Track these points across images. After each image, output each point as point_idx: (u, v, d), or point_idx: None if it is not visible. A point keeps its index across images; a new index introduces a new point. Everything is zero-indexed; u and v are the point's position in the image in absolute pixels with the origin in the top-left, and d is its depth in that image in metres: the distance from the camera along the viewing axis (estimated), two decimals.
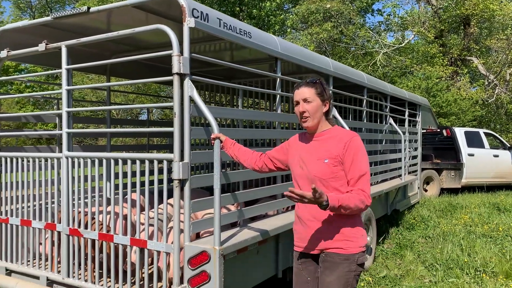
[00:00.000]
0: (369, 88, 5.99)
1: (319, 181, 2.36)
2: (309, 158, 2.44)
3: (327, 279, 2.36)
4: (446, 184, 11.67)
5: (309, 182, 2.40)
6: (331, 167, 2.34)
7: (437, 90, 17.08)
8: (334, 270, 2.34)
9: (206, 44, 4.13)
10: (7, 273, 3.82)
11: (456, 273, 5.03)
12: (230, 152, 2.88)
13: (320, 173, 2.36)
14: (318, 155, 2.40)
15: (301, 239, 2.50)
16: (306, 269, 2.51)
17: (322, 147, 2.41)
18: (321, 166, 2.36)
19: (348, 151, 2.33)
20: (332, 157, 2.35)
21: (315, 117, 2.43)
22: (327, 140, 2.43)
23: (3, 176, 3.89)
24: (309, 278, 2.49)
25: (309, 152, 2.46)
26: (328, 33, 21.08)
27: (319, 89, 2.42)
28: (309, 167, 2.41)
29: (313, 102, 2.41)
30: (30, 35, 3.91)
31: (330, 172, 2.34)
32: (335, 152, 2.35)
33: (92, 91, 22.38)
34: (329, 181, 2.34)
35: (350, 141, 2.35)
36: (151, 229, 3.18)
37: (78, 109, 3.51)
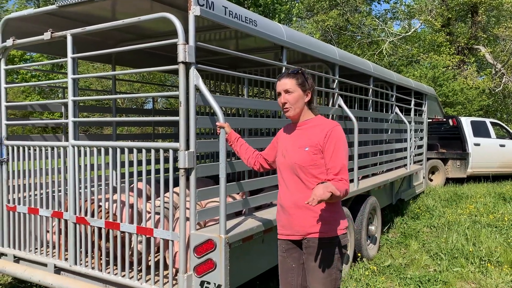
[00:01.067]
0: (375, 77, 5.95)
1: (299, 169, 2.41)
2: (291, 146, 2.50)
3: (311, 264, 2.43)
4: (451, 173, 11.63)
5: (290, 171, 2.47)
6: (311, 155, 2.40)
7: (444, 79, 16.93)
8: (318, 254, 2.41)
9: (212, 33, 4.10)
10: (15, 260, 3.87)
11: (461, 263, 5.04)
12: (233, 146, 2.94)
13: (300, 160, 2.42)
14: (300, 144, 2.46)
15: (284, 227, 2.55)
16: (291, 257, 2.56)
17: (304, 136, 2.48)
18: (301, 154, 2.42)
19: (330, 141, 2.38)
20: (313, 145, 2.40)
21: (296, 107, 2.48)
22: (309, 129, 2.49)
23: (10, 164, 3.92)
24: (293, 265, 2.55)
25: (291, 141, 2.52)
26: (334, 21, 20.89)
27: (300, 79, 2.47)
28: (290, 155, 2.47)
29: (294, 92, 2.46)
30: (35, 24, 3.90)
31: (309, 160, 2.40)
32: (315, 140, 2.41)
33: (98, 80, 22.39)
34: (309, 168, 2.40)
35: (332, 130, 2.40)
36: (157, 217, 3.20)
37: (83, 98, 3.51)
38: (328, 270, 2.40)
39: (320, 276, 2.40)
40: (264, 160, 2.82)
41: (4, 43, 3.82)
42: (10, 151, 3.91)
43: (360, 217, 5.00)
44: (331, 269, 2.41)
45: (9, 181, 3.93)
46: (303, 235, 2.46)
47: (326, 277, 2.39)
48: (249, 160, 2.88)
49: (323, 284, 2.40)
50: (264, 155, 2.82)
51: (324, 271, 2.39)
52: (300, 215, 2.44)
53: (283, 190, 2.53)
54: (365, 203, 5.14)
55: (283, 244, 2.59)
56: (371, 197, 5.37)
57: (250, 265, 3.42)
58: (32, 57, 24.44)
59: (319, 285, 2.40)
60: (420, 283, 4.42)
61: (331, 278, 2.41)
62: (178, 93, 2.85)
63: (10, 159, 3.92)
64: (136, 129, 20.08)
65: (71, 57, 3.40)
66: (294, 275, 2.56)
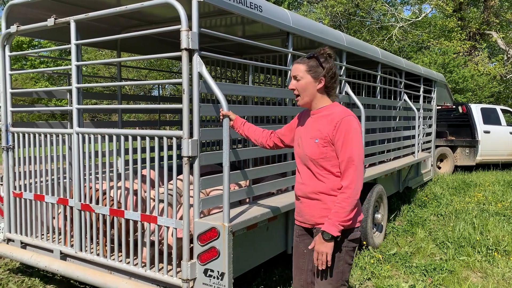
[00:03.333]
0: (383, 64, 5.86)
1: (310, 160, 2.36)
2: (305, 136, 2.43)
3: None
4: (460, 161, 11.53)
5: (303, 161, 2.43)
6: (320, 147, 2.31)
7: (454, 66, 16.68)
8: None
9: (216, 19, 4.05)
10: (22, 246, 3.91)
11: (468, 251, 5.01)
12: (240, 131, 2.87)
13: (310, 152, 2.36)
14: (311, 134, 2.38)
15: (298, 214, 2.55)
16: (303, 242, 2.56)
17: (316, 126, 2.38)
18: (312, 145, 2.35)
19: (339, 133, 2.26)
20: (322, 137, 2.31)
21: (304, 95, 2.37)
22: (320, 118, 2.37)
23: (16, 151, 3.93)
24: (305, 251, 2.55)
25: (306, 130, 2.45)
26: (343, 6, 20.61)
27: (311, 65, 2.33)
28: (303, 146, 2.41)
29: (302, 79, 2.36)
30: (39, 10, 3.87)
31: (319, 153, 2.32)
32: (325, 131, 2.30)
33: (105, 67, 22.41)
34: (319, 161, 2.33)
35: (341, 122, 2.26)
36: (161, 205, 3.21)
37: (87, 85, 3.50)
38: (336, 262, 2.36)
39: (327, 268, 2.36)
40: (279, 139, 2.74)
41: (8, 30, 3.80)
42: (16, 138, 3.93)
43: (366, 205, 4.98)
44: (338, 262, 2.36)
45: (15, 167, 3.95)
46: (312, 224, 2.45)
47: (334, 268, 2.36)
48: (259, 139, 2.80)
49: (329, 275, 2.37)
50: (280, 135, 2.74)
51: (332, 262, 2.35)
52: (310, 205, 2.42)
53: (297, 179, 2.50)
54: (371, 191, 5.11)
55: (297, 229, 2.60)
56: (378, 185, 5.34)
57: (254, 253, 3.42)
58: (40, 43, 24.50)
59: (326, 277, 2.37)
60: (425, 272, 4.40)
61: (337, 271, 2.37)
62: (181, 80, 2.82)
63: (16, 145, 3.93)
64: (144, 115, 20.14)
65: (75, 44, 3.38)
66: (305, 260, 2.56)
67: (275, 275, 4.17)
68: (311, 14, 21.30)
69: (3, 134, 3.95)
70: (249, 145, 3.83)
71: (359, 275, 4.24)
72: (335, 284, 2.37)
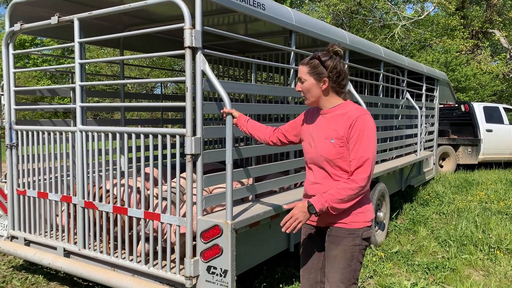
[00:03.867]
0: (386, 62, 5.86)
1: (326, 161, 2.32)
2: (317, 136, 2.38)
3: (332, 253, 2.39)
4: (462, 160, 11.52)
5: (317, 161, 2.38)
6: (337, 147, 2.28)
7: (456, 64, 16.65)
8: (339, 244, 2.36)
9: (219, 17, 4.05)
10: (26, 243, 3.93)
11: (470, 250, 5.01)
12: (244, 129, 2.86)
13: (326, 153, 2.31)
14: (326, 134, 2.34)
15: None
16: (313, 242, 2.54)
17: (330, 125, 2.34)
18: (328, 146, 2.31)
19: (353, 131, 2.24)
20: (339, 137, 2.28)
21: (310, 96, 2.36)
22: (335, 117, 2.34)
23: (19, 148, 3.95)
24: (315, 250, 2.54)
25: (318, 130, 2.40)
26: (345, 5, 20.57)
27: (312, 67, 2.31)
28: (317, 146, 2.37)
29: (306, 81, 2.34)
30: (43, 8, 3.88)
31: (336, 153, 2.28)
32: (341, 131, 2.27)
33: (108, 65, 22.42)
34: (336, 161, 2.30)
35: (357, 120, 2.23)
36: (164, 203, 3.22)
37: (91, 83, 3.51)
38: (348, 261, 2.35)
39: (340, 266, 2.36)
40: (283, 136, 2.70)
41: (12, 28, 3.82)
42: (20, 136, 3.95)
43: None
44: (351, 260, 2.36)
45: (18, 165, 3.97)
46: (325, 223, 2.42)
47: (345, 267, 2.35)
48: (262, 136, 2.78)
49: (341, 273, 2.36)
50: (284, 131, 2.69)
51: (344, 261, 2.35)
52: None
53: (310, 177, 2.45)
54: (373, 189, 5.11)
55: (306, 228, 2.56)
56: (380, 183, 5.34)
57: (257, 251, 3.44)
58: (42, 41, 24.53)
59: (338, 275, 2.36)
60: (428, 270, 4.41)
61: (350, 269, 2.36)
62: (184, 78, 2.83)
63: (20, 143, 3.95)
64: (147, 114, 20.15)
65: (78, 42, 3.39)
66: (314, 260, 2.54)
67: (277, 272, 4.18)
68: (313, 13, 21.27)
69: (7, 132, 3.97)
70: (251, 143, 3.84)
71: (361, 273, 4.25)
72: (347, 283, 2.36)
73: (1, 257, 4.66)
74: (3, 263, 4.48)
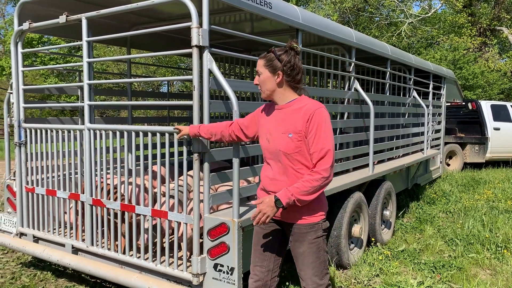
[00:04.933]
0: (392, 60, 5.84)
1: (284, 155, 2.34)
2: (275, 131, 2.40)
3: (299, 250, 2.42)
4: (469, 158, 11.46)
5: (275, 156, 2.39)
6: (295, 141, 2.31)
7: (464, 62, 16.54)
8: (303, 240, 2.40)
9: (225, 16, 4.06)
10: (34, 240, 3.97)
11: (477, 249, 5.00)
12: (198, 135, 2.77)
13: (284, 147, 2.34)
14: (284, 129, 2.36)
15: None
16: (269, 229, 2.53)
17: (288, 120, 2.37)
18: (285, 140, 2.34)
19: (312, 125, 2.28)
20: (297, 131, 2.31)
21: (265, 89, 2.39)
22: (291, 112, 2.37)
23: (28, 146, 3.99)
24: (271, 237, 2.54)
25: (275, 125, 2.41)
26: (352, 2, 20.50)
27: (268, 60, 2.36)
28: (275, 141, 2.38)
29: (262, 74, 2.38)
30: (51, 7, 3.91)
31: (294, 147, 2.32)
32: (299, 126, 2.31)
33: (114, 63, 22.51)
34: (294, 155, 2.33)
35: (314, 114, 2.28)
36: (172, 200, 3.24)
37: (99, 81, 3.53)
38: (315, 253, 2.41)
39: (310, 261, 2.40)
40: (241, 131, 2.65)
41: (21, 27, 3.85)
42: (28, 134, 3.98)
43: (375, 202, 4.98)
44: (318, 252, 2.41)
45: (27, 163, 4.01)
46: (283, 218, 2.45)
47: (314, 260, 2.41)
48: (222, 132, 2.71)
49: (312, 268, 2.41)
50: (243, 126, 2.64)
51: (313, 255, 2.40)
52: None
53: (267, 173, 2.46)
54: (380, 187, 5.11)
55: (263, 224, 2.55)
56: (387, 181, 5.33)
57: None
58: (50, 39, 24.67)
59: (310, 270, 2.41)
60: (434, 269, 4.40)
61: (320, 261, 2.42)
62: (192, 77, 2.84)
63: (28, 141, 3.99)
64: (153, 112, 20.21)
65: (86, 41, 3.41)
66: (270, 246, 2.55)
67: (283, 270, 4.19)
68: (320, 11, 21.22)
69: (16, 130, 4.01)
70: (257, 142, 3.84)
71: (368, 271, 4.25)
72: (320, 275, 2.42)
73: (10, 254, 4.72)
74: (12, 260, 4.53)
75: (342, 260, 4.24)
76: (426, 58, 16.97)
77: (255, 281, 2.55)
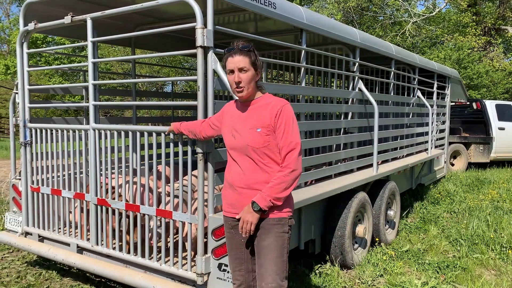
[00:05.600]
0: (396, 60, 5.83)
1: (252, 150, 2.36)
2: (242, 127, 2.41)
3: (264, 243, 2.40)
4: (474, 158, 11.41)
5: (242, 152, 2.39)
6: (263, 136, 2.34)
7: (469, 62, 16.48)
8: (269, 233, 2.39)
9: (229, 16, 4.07)
10: (40, 239, 4.00)
11: (481, 249, 4.98)
12: (182, 130, 2.85)
13: (252, 142, 2.35)
14: (251, 124, 2.38)
15: (232, 205, 2.49)
16: (238, 233, 2.51)
17: (255, 116, 2.39)
18: (253, 135, 2.35)
19: (280, 120, 2.33)
20: (265, 126, 2.34)
21: (249, 87, 2.38)
22: (259, 108, 2.40)
23: (33, 146, 4.01)
24: (242, 240, 2.53)
25: (242, 121, 2.43)
26: (356, 1, 20.46)
27: (253, 57, 2.37)
28: (242, 136, 2.39)
29: (248, 71, 2.36)
30: (56, 8, 3.93)
31: (262, 141, 2.34)
32: (267, 121, 2.34)
33: (118, 63, 22.57)
34: (262, 149, 2.35)
35: (281, 109, 2.33)
36: (176, 200, 3.25)
37: (104, 81, 3.55)
38: (280, 249, 2.40)
39: (273, 256, 2.38)
40: (209, 126, 2.69)
41: (26, 27, 3.87)
42: (33, 134, 4.00)
43: (379, 202, 4.97)
44: (283, 249, 2.41)
45: (32, 162, 4.03)
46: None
47: (278, 257, 2.39)
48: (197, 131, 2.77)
49: (275, 264, 2.39)
50: (213, 125, 2.67)
51: (277, 250, 2.39)
52: (250, 196, 2.39)
53: (235, 170, 2.44)
54: (384, 187, 5.10)
55: (229, 221, 2.54)
56: (391, 181, 5.32)
57: None
58: (54, 39, 24.76)
59: (272, 266, 2.38)
60: (438, 269, 4.40)
61: (283, 259, 2.41)
62: (196, 77, 2.85)
63: (33, 141, 4.01)
64: (157, 111, 20.24)
65: (91, 41, 3.43)
66: (243, 250, 2.54)
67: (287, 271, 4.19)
68: (324, 10, 21.19)
69: (21, 130, 4.03)
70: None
71: (372, 272, 4.25)
72: (282, 275, 2.40)
73: (16, 253, 4.74)
74: (17, 259, 4.56)
75: (346, 260, 4.24)
76: (430, 57, 16.91)
77: (238, 286, 2.57)
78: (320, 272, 4.20)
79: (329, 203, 4.33)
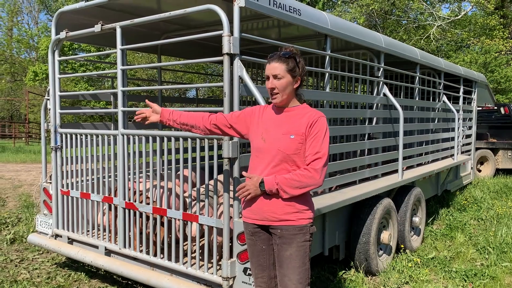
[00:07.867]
0: (421, 65, 5.76)
1: (282, 155, 2.35)
2: (274, 131, 2.41)
3: (286, 253, 2.39)
4: (502, 164, 11.13)
5: (270, 156, 2.38)
6: (296, 143, 2.35)
7: (496, 65, 16.12)
8: (291, 242, 2.37)
9: (254, 22, 4.12)
10: (69, 241, 4.10)
11: (510, 257, 4.86)
12: (171, 123, 2.69)
13: (284, 147, 2.35)
14: (284, 130, 2.38)
15: (252, 211, 2.46)
16: (259, 239, 2.51)
17: (290, 123, 2.39)
18: (286, 141, 2.36)
19: (313, 129, 2.34)
20: (299, 134, 2.35)
21: (284, 93, 2.38)
22: (294, 116, 2.40)
23: (63, 151, 4.13)
24: (264, 247, 2.51)
25: (275, 126, 2.42)
26: (379, 5, 20.29)
27: (291, 64, 2.35)
28: (274, 141, 2.38)
29: (283, 78, 2.35)
30: (86, 16, 4.06)
31: (294, 148, 2.35)
32: (302, 129, 2.35)
33: (143, 69, 22.96)
34: (292, 156, 2.35)
35: (317, 120, 2.36)
36: (202, 204, 3.29)
37: (133, 88, 3.64)
38: (302, 258, 2.38)
39: (296, 266, 2.37)
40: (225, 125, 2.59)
41: (58, 36, 4.00)
42: (64, 138, 4.12)
43: (404, 208, 4.91)
44: (305, 258, 2.39)
45: (63, 167, 4.15)
46: (272, 221, 2.41)
47: (301, 265, 2.38)
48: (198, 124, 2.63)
49: (298, 273, 2.37)
50: (232, 123, 2.59)
51: (300, 259, 2.37)
52: (273, 202, 2.38)
53: (258, 174, 2.42)
54: (409, 194, 5.04)
55: (249, 228, 2.53)
56: (416, 188, 5.26)
57: None
58: (80, 46, 25.36)
59: (295, 275, 2.36)
60: (466, 277, 4.31)
61: (305, 267, 2.39)
62: (222, 84, 2.90)
63: (64, 146, 4.13)
64: None
65: (120, 49, 3.52)
66: (265, 256, 2.53)
67: (311, 276, 4.19)
68: (346, 14, 21.09)
69: (52, 135, 4.16)
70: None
71: (397, 279, 4.20)
72: (305, 283, 2.39)
73: (45, 254, 4.88)
74: (47, 260, 4.69)
75: (371, 267, 4.20)
76: (455, 61, 16.62)
77: None
78: (344, 278, 4.18)
79: (354, 209, 4.31)
